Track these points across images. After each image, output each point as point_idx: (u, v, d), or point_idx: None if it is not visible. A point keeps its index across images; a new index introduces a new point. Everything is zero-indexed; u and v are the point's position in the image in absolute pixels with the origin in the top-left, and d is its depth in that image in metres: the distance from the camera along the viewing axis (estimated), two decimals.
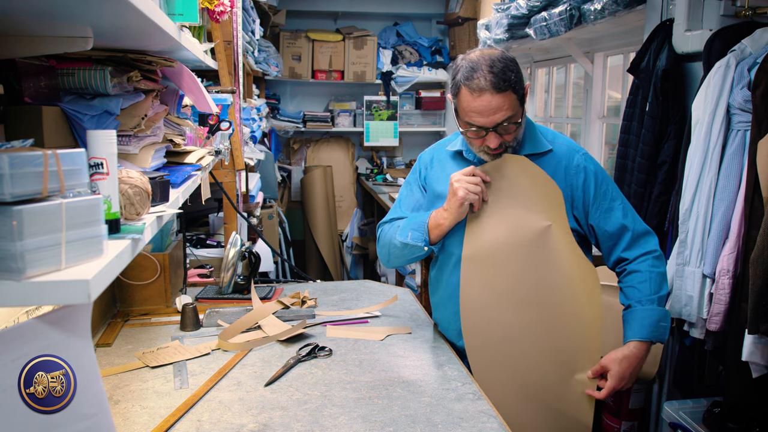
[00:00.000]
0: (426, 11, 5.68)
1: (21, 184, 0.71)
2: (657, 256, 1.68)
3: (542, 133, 1.70)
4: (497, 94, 1.51)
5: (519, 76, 1.55)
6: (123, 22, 1.02)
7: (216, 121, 1.92)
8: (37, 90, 1.10)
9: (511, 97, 1.53)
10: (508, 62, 1.53)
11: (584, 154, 1.70)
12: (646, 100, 2.28)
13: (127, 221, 1.02)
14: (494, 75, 1.50)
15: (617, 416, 2.57)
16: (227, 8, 1.93)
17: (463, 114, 1.58)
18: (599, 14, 2.69)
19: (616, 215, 1.67)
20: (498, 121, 1.54)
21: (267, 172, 4.19)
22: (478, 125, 1.55)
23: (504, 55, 1.55)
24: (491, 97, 1.51)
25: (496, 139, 1.57)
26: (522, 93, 1.57)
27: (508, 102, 1.52)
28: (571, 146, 1.70)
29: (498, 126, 1.54)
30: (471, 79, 1.52)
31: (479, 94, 1.51)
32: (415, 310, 2.08)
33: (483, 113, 1.53)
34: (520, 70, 1.57)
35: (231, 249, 2.11)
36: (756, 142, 1.72)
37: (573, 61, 3.85)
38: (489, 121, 1.54)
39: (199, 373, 1.58)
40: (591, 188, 1.66)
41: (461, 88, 1.54)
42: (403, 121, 5.84)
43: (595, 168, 1.69)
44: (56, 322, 0.86)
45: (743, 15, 2.00)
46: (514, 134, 1.60)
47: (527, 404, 1.65)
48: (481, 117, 1.54)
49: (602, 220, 1.67)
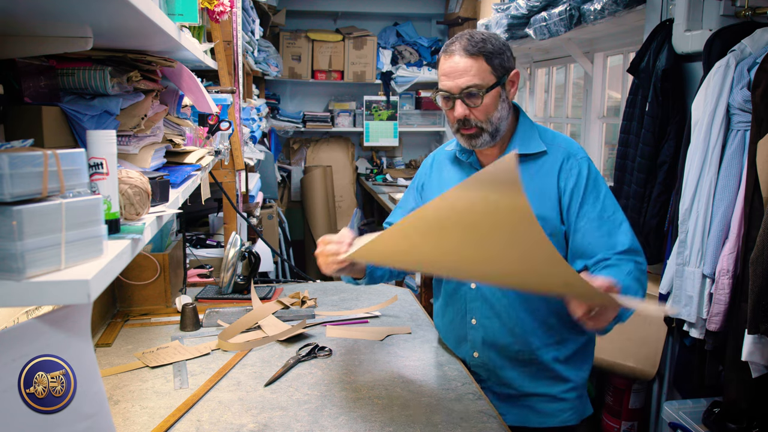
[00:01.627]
0: (426, 11, 5.68)
1: (21, 184, 0.71)
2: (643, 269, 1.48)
3: (542, 134, 1.60)
4: (465, 56, 1.46)
5: (500, 53, 1.48)
6: (123, 22, 1.02)
7: (216, 121, 1.92)
8: (37, 90, 1.10)
9: (482, 65, 1.46)
10: (493, 38, 1.49)
11: (582, 158, 1.56)
12: (646, 100, 2.28)
13: (127, 221, 1.02)
14: (469, 41, 1.47)
15: (617, 416, 2.57)
16: (227, 8, 1.93)
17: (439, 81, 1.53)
18: (599, 14, 2.69)
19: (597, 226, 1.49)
20: (462, 86, 1.46)
21: (267, 172, 4.19)
22: (444, 89, 1.49)
23: (493, 34, 1.51)
24: (459, 59, 1.46)
25: (460, 107, 1.49)
26: (501, 70, 1.49)
27: (477, 67, 1.46)
28: (569, 149, 1.57)
29: (462, 92, 1.47)
30: (447, 46, 1.50)
31: (449, 55, 1.48)
32: (415, 310, 2.08)
33: (449, 75, 1.48)
34: (509, 53, 1.51)
35: (231, 249, 2.11)
36: (756, 142, 1.72)
37: (573, 61, 3.85)
38: (454, 85, 1.47)
39: (199, 373, 1.58)
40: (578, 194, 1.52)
41: (441, 55, 1.52)
42: (403, 121, 5.84)
43: (590, 173, 1.54)
44: (56, 322, 0.87)
45: (743, 15, 2.00)
46: (485, 112, 1.49)
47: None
48: (448, 80, 1.48)
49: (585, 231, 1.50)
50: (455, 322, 1.68)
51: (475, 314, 1.61)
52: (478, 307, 1.61)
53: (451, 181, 1.63)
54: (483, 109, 1.49)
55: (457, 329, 1.68)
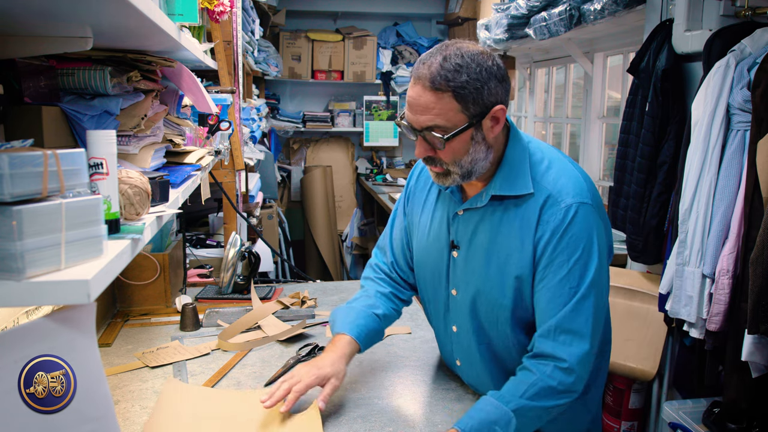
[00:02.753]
0: (426, 11, 5.68)
1: (21, 184, 0.71)
2: (564, 369, 1.24)
3: (533, 167, 1.30)
4: (429, 90, 1.19)
5: (478, 87, 1.19)
6: (123, 22, 1.02)
7: (216, 121, 1.92)
8: (37, 90, 1.10)
9: (449, 103, 1.19)
10: (472, 65, 1.19)
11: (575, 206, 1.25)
12: (645, 100, 2.28)
13: (127, 221, 1.02)
14: (440, 68, 1.18)
15: (617, 416, 2.57)
16: (227, 8, 1.93)
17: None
18: (599, 14, 2.69)
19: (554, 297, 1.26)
20: (423, 124, 1.22)
21: (267, 172, 4.19)
22: (407, 119, 1.25)
23: (477, 57, 1.20)
24: (422, 92, 1.20)
25: (420, 146, 1.26)
26: (476, 108, 1.21)
27: (441, 107, 1.19)
28: (553, 190, 1.27)
29: (423, 130, 1.23)
30: (419, 63, 1.22)
31: (414, 82, 1.22)
32: (415, 310, 2.08)
33: (411, 107, 1.23)
34: (493, 83, 1.21)
35: (231, 249, 2.11)
36: (756, 142, 1.72)
37: (573, 61, 3.85)
38: (415, 120, 1.23)
39: (198, 373, 1.58)
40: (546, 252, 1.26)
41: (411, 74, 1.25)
42: None
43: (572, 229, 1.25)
44: (60, 323, 0.86)
45: (743, 15, 2.00)
46: (452, 155, 1.24)
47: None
48: (409, 111, 1.24)
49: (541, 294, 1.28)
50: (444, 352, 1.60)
51: (458, 356, 1.50)
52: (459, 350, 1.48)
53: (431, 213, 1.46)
54: (448, 152, 1.24)
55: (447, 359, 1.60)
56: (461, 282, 1.39)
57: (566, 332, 1.26)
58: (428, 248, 1.46)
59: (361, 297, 1.54)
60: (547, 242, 1.26)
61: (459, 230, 1.38)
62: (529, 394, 1.24)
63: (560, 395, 1.26)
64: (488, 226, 1.33)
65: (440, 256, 1.43)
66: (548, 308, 1.27)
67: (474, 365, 1.45)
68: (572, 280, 1.25)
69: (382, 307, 1.51)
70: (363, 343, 1.45)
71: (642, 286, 2.42)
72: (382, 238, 1.64)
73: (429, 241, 1.45)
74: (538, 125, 4.51)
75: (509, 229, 1.30)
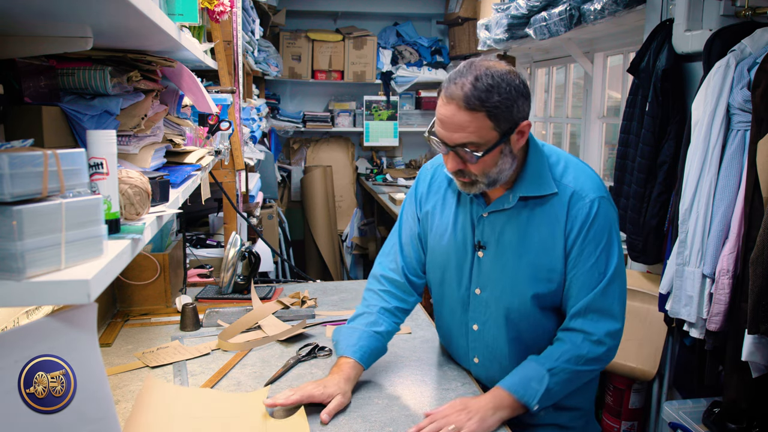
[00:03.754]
0: (426, 11, 5.68)
1: (21, 184, 0.71)
2: (595, 340, 1.40)
3: (552, 168, 1.43)
4: (464, 110, 1.27)
5: (508, 105, 1.28)
6: (123, 22, 1.02)
7: (216, 121, 1.92)
8: (37, 90, 1.10)
9: (483, 122, 1.28)
10: (503, 85, 1.27)
11: (597, 200, 1.39)
12: (646, 100, 2.28)
13: (127, 221, 1.02)
14: (473, 88, 1.26)
15: (617, 416, 2.57)
16: (227, 8, 1.93)
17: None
18: (599, 14, 2.69)
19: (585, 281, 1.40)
20: (457, 141, 1.30)
21: (267, 172, 4.19)
22: (439, 137, 1.34)
23: (506, 76, 1.29)
24: (456, 111, 1.28)
25: (452, 161, 1.35)
26: (507, 124, 1.30)
27: (475, 125, 1.28)
28: (576, 186, 1.41)
29: (456, 146, 1.32)
30: (450, 83, 1.30)
31: (447, 102, 1.29)
32: (415, 310, 2.08)
33: (444, 125, 1.31)
34: (521, 101, 1.31)
35: (231, 249, 2.11)
36: (756, 142, 1.72)
37: (573, 61, 3.85)
38: (448, 137, 1.31)
39: (199, 373, 1.58)
40: (577, 242, 1.39)
41: (441, 89, 1.34)
42: (403, 121, 5.84)
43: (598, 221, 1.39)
44: (61, 323, 0.86)
45: (743, 15, 2.00)
46: (482, 169, 1.34)
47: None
48: (442, 128, 1.32)
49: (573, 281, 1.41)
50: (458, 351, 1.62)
51: (477, 354, 1.56)
52: (480, 347, 1.54)
53: (453, 216, 1.52)
54: (480, 165, 1.34)
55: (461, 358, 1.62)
56: (488, 280, 1.47)
57: (595, 311, 1.40)
58: (448, 250, 1.52)
59: (363, 314, 1.57)
60: (577, 235, 1.39)
61: (485, 231, 1.46)
62: (563, 358, 1.40)
63: (590, 362, 1.41)
64: (516, 226, 1.43)
65: (463, 257, 1.50)
66: (579, 293, 1.41)
67: (498, 360, 1.52)
68: (600, 266, 1.40)
69: (384, 324, 1.55)
70: (366, 363, 1.50)
71: (642, 286, 2.42)
72: (388, 246, 1.66)
73: (450, 243, 1.52)
74: (538, 125, 4.51)
75: (538, 226, 1.41)
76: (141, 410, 1.33)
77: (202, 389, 1.48)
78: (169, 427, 1.30)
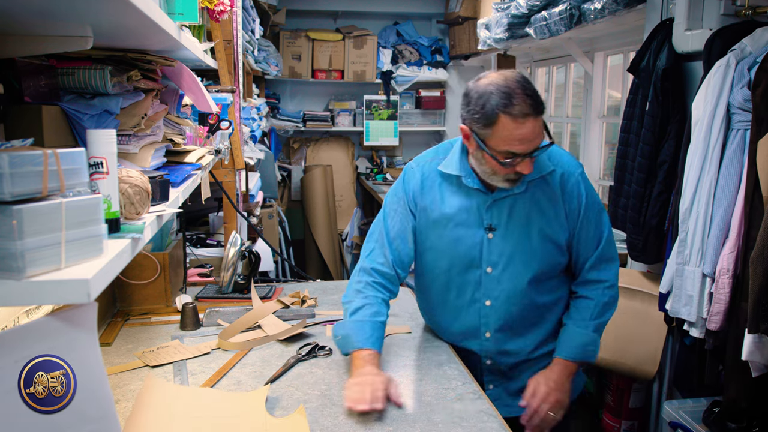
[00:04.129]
0: (426, 10, 5.68)
1: (21, 183, 0.71)
2: (609, 286, 1.66)
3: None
4: (538, 117, 1.42)
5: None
6: (123, 22, 1.02)
7: (216, 121, 1.92)
8: (37, 89, 1.10)
9: (541, 120, 1.45)
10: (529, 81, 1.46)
11: (580, 174, 1.62)
12: (646, 100, 2.28)
13: (127, 220, 1.02)
14: (532, 98, 1.41)
15: (617, 416, 2.57)
16: (227, 7, 1.93)
17: (499, 143, 1.44)
18: (599, 13, 2.69)
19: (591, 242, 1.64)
20: (537, 146, 1.45)
21: (267, 172, 4.19)
22: (517, 152, 1.44)
23: (521, 74, 1.47)
24: (534, 122, 1.41)
25: (532, 164, 1.48)
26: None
27: (541, 125, 1.45)
28: (568, 166, 1.61)
29: (535, 151, 1.46)
30: (511, 106, 1.40)
31: (524, 119, 1.40)
32: (415, 309, 2.07)
33: (526, 140, 1.42)
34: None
35: (231, 248, 2.11)
36: (756, 142, 1.72)
37: (573, 61, 3.85)
38: (530, 146, 1.44)
39: (199, 373, 1.58)
40: (580, 214, 1.61)
41: (499, 116, 1.41)
42: (403, 121, 5.84)
43: (587, 192, 1.61)
44: (62, 322, 0.86)
45: (743, 14, 2.00)
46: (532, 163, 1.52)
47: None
48: (523, 144, 1.43)
49: (580, 244, 1.64)
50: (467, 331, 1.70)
51: (488, 328, 1.67)
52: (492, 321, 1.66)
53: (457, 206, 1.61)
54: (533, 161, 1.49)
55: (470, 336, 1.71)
56: (499, 258, 1.61)
57: (605, 260, 1.66)
58: (456, 237, 1.62)
59: (365, 306, 1.62)
60: (577, 208, 1.60)
61: (494, 214, 1.60)
62: (595, 314, 1.64)
63: (612, 306, 1.68)
64: (522, 206, 1.59)
65: (473, 241, 1.61)
66: (587, 250, 1.64)
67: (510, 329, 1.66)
68: (599, 225, 1.64)
69: (383, 314, 1.64)
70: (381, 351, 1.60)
71: (642, 286, 2.42)
72: (375, 241, 1.70)
73: (457, 230, 1.62)
74: None
75: (541, 205, 1.59)
76: (141, 410, 1.33)
77: (202, 389, 1.48)
78: (169, 427, 1.30)
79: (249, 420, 1.32)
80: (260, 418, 1.32)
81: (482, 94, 1.44)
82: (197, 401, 1.41)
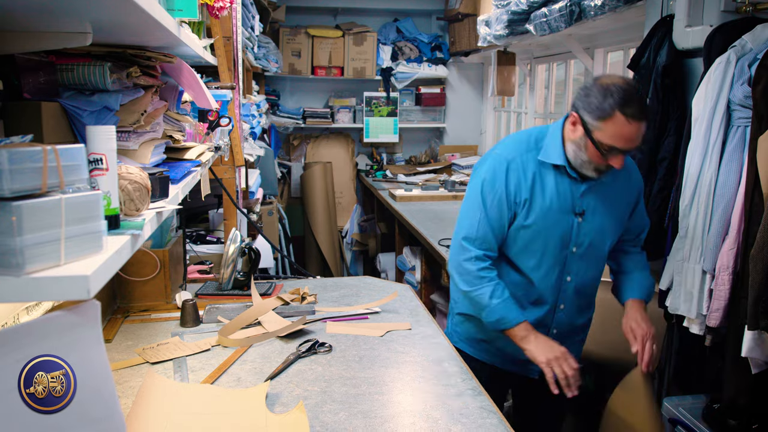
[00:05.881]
0: (426, 7, 5.66)
1: (20, 179, 0.71)
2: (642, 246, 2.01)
3: None
4: (644, 123, 1.63)
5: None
6: (122, 18, 1.02)
7: (215, 117, 1.91)
8: (36, 86, 1.09)
9: None
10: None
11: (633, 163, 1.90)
12: (646, 96, 2.28)
13: (127, 217, 1.02)
14: (641, 104, 1.62)
15: None
16: (227, 4, 1.93)
17: (607, 137, 1.63)
18: (599, 10, 2.69)
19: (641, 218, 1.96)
20: (636, 146, 1.66)
21: (267, 169, 4.19)
22: (620, 148, 1.64)
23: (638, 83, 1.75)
24: (640, 126, 1.61)
25: (623, 160, 1.68)
26: None
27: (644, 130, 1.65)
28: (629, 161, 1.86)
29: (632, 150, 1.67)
30: (629, 107, 1.59)
31: (637, 121, 1.60)
32: (415, 306, 2.08)
33: (630, 139, 1.62)
34: None
35: (231, 245, 2.11)
36: (756, 138, 1.72)
37: (573, 57, 3.84)
38: (632, 145, 1.64)
39: (199, 369, 1.58)
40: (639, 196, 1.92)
41: (616, 113, 1.60)
42: (403, 117, 5.83)
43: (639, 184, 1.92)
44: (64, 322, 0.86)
45: (744, 11, 1.99)
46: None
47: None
48: (628, 143, 1.63)
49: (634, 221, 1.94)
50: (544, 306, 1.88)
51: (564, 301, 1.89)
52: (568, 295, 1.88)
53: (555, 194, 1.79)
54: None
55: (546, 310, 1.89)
56: (585, 239, 1.83)
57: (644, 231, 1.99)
58: (554, 221, 1.80)
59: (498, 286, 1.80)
60: (639, 194, 1.92)
61: (584, 201, 1.81)
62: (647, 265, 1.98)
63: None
64: (604, 193, 1.83)
65: (566, 224, 1.81)
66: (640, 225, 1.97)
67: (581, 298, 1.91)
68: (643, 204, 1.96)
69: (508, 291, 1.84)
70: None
71: None
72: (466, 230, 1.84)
73: (555, 215, 1.80)
74: (538, 121, 4.51)
75: (617, 192, 1.85)
76: (141, 406, 1.34)
77: (202, 385, 1.48)
78: (169, 423, 1.30)
79: (249, 416, 1.33)
80: (260, 415, 1.32)
81: (604, 89, 1.61)
82: (197, 398, 1.41)
